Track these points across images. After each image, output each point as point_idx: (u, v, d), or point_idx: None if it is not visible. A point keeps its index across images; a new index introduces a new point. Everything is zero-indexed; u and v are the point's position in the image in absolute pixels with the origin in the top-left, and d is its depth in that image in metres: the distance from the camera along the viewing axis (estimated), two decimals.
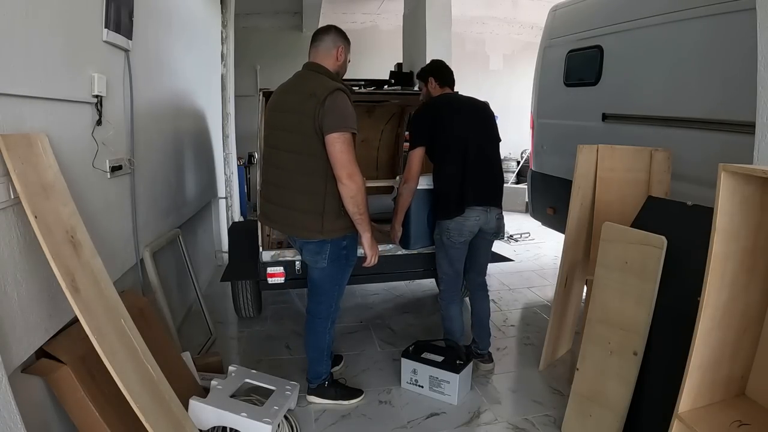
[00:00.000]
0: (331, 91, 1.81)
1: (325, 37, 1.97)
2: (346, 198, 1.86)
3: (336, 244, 1.98)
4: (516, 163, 7.80)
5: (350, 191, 1.84)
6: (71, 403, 1.46)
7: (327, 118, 1.79)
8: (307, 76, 1.95)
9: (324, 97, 1.79)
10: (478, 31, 8.10)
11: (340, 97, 1.82)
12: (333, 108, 1.80)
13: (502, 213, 2.42)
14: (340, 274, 2.09)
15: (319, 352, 2.19)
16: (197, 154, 3.52)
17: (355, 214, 1.90)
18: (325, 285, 2.09)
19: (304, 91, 1.87)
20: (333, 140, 1.80)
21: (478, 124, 2.39)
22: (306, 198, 1.90)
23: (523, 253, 4.91)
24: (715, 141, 2.37)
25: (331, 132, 1.79)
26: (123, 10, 2.02)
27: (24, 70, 1.39)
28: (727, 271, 1.35)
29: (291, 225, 1.98)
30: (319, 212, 1.89)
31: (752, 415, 1.42)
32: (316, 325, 2.15)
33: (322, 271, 2.04)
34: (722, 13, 2.32)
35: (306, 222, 1.91)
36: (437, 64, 2.54)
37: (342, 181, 1.84)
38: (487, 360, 2.55)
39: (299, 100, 1.87)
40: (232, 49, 4.83)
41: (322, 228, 1.90)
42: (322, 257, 1.99)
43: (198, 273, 3.23)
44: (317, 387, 2.24)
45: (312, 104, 1.81)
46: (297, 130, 1.86)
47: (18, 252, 1.34)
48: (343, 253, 2.02)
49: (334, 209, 1.90)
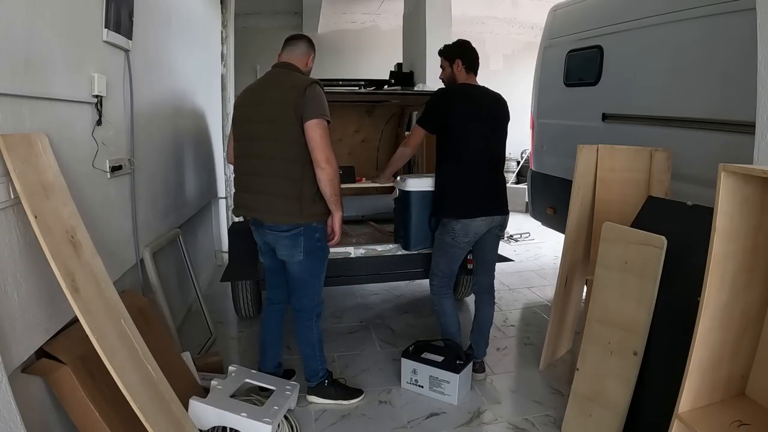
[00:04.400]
0: (310, 83, 1.95)
1: (301, 43, 2.13)
2: (325, 181, 1.96)
3: (309, 235, 2.03)
4: (516, 163, 7.80)
5: (328, 174, 1.95)
6: (71, 403, 1.46)
7: (308, 107, 1.91)
8: (283, 73, 2.06)
9: (304, 88, 1.92)
10: (478, 31, 8.08)
11: (318, 89, 1.96)
12: (312, 97, 1.92)
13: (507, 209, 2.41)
14: (318, 267, 2.14)
15: (311, 348, 2.21)
16: (197, 154, 3.52)
17: (331, 195, 2.00)
18: (305, 279, 2.13)
19: (284, 84, 1.99)
20: (313, 126, 1.91)
21: (495, 128, 2.36)
22: (285, 183, 1.98)
23: (523, 253, 4.91)
24: (715, 141, 2.37)
25: (311, 118, 1.91)
26: (123, 10, 2.02)
27: (24, 70, 1.39)
28: (727, 271, 1.35)
29: (270, 211, 2.02)
30: (298, 197, 1.98)
31: (752, 415, 1.42)
32: (304, 320, 2.19)
33: (299, 265, 2.09)
34: (722, 13, 2.32)
35: (285, 207, 1.98)
36: (467, 45, 2.40)
37: (321, 165, 1.93)
38: (479, 369, 2.47)
39: (279, 93, 1.98)
40: (232, 49, 4.83)
41: (301, 212, 1.98)
42: (298, 250, 2.04)
43: (198, 273, 3.23)
44: (317, 386, 2.25)
45: (293, 95, 1.92)
46: (277, 120, 1.96)
47: (18, 252, 1.34)
48: (318, 245, 2.08)
49: (311, 194, 1.99)
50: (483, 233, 2.33)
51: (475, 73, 2.42)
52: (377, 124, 4.09)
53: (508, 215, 2.41)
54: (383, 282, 3.65)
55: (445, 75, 2.46)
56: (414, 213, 2.58)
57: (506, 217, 2.40)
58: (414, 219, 2.58)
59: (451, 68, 2.40)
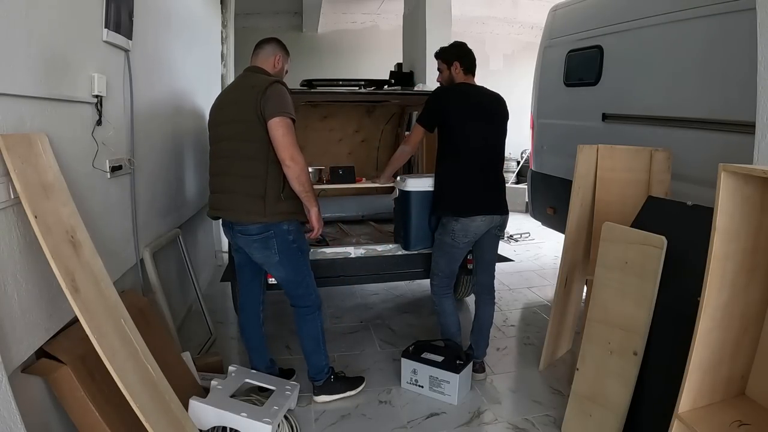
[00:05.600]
0: (271, 83, 1.95)
1: (266, 46, 2.13)
2: (292, 179, 1.96)
3: (280, 234, 2.02)
4: (516, 163, 7.80)
5: (294, 172, 1.94)
6: (71, 403, 1.46)
7: (268, 105, 1.91)
8: (247, 75, 2.09)
9: (264, 88, 1.93)
10: (478, 31, 8.09)
11: (279, 87, 1.96)
12: (273, 96, 1.92)
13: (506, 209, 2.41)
14: (300, 263, 2.13)
15: (315, 343, 2.21)
16: (197, 154, 3.52)
17: (301, 192, 2.00)
18: (291, 278, 2.13)
19: (245, 86, 2.02)
20: (276, 125, 1.91)
21: (494, 126, 2.36)
22: (248, 182, 1.98)
23: (523, 253, 4.91)
24: (715, 141, 2.37)
25: (273, 117, 1.91)
26: (123, 10, 2.02)
27: (24, 70, 1.39)
28: (727, 271, 1.35)
29: (234, 209, 2.02)
30: (261, 195, 1.97)
31: (752, 415, 1.42)
32: (305, 315, 2.19)
33: (279, 266, 2.08)
34: (722, 13, 2.32)
35: (248, 205, 1.98)
36: (465, 48, 2.40)
37: (285, 163, 1.93)
38: (479, 369, 2.47)
39: (241, 93, 2.01)
40: (232, 49, 4.83)
41: (265, 211, 1.97)
42: (272, 252, 2.03)
43: (198, 273, 3.22)
44: (324, 384, 2.24)
45: (253, 94, 1.93)
46: (239, 119, 1.97)
47: (18, 252, 1.34)
48: (293, 244, 2.06)
49: (275, 192, 1.98)
50: (483, 233, 2.33)
51: (473, 75, 2.41)
52: (377, 124, 4.09)
53: (507, 215, 2.40)
54: (383, 282, 3.65)
55: (442, 78, 2.43)
56: (414, 213, 2.58)
57: (506, 217, 2.40)
58: (414, 219, 2.58)
59: (449, 71, 2.39)
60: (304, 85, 3.28)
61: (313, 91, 3.18)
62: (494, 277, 2.50)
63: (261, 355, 2.29)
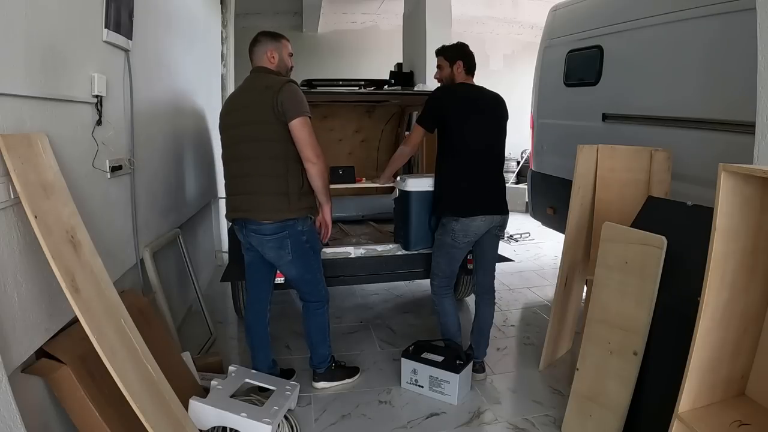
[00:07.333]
0: (285, 83, 1.99)
1: (260, 45, 2.13)
2: (316, 175, 2.01)
3: (294, 234, 2.05)
4: (516, 163, 7.80)
5: (319, 169, 2.01)
6: (71, 403, 1.46)
7: (288, 107, 1.94)
8: (256, 77, 2.10)
9: (279, 88, 1.95)
10: (478, 31, 8.09)
11: (294, 87, 2.00)
12: (291, 97, 1.96)
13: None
14: (312, 262, 2.17)
15: (322, 334, 2.28)
16: (197, 154, 3.52)
17: (323, 188, 2.07)
18: (302, 276, 2.18)
19: (258, 86, 2.04)
20: (300, 125, 1.95)
21: (493, 126, 2.36)
22: (272, 181, 2.01)
23: (523, 253, 4.91)
24: (715, 141, 2.37)
25: (295, 117, 1.94)
26: (123, 10, 2.02)
27: (24, 70, 1.39)
28: (727, 271, 1.35)
29: (259, 209, 2.04)
30: (285, 192, 2.01)
31: (752, 415, 1.42)
32: (315, 309, 2.26)
33: (292, 265, 2.12)
34: (722, 13, 2.32)
35: (273, 203, 2.01)
36: (468, 50, 2.42)
37: (312, 161, 1.99)
38: (479, 369, 2.47)
39: (255, 94, 2.02)
40: (232, 49, 4.83)
41: (290, 206, 2.01)
42: (285, 251, 2.07)
43: (198, 273, 3.22)
44: (326, 371, 2.33)
45: (269, 95, 1.95)
46: (257, 120, 2.00)
47: (18, 252, 1.34)
48: (306, 244, 2.10)
49: (297, 189, 2.03)
50: (483, 233, 2.33)
51: (473, 76, 2.43)
52: (377, 124, 4.09)
53: (507, 215, 2.41)
54: (383, 282, 3.66)
55: (443, 74, 2.43)
56: (414, 213, 2.58)
57: (506, 217, 2.40)
58: (414, 219, 2.58)
59: (451, 68, 2.39)
60: (304, 85, 3.28)
61: (313, 91, 3.19)
62: (494, 277, 2.50)
63: (265, 355, 2.31)
